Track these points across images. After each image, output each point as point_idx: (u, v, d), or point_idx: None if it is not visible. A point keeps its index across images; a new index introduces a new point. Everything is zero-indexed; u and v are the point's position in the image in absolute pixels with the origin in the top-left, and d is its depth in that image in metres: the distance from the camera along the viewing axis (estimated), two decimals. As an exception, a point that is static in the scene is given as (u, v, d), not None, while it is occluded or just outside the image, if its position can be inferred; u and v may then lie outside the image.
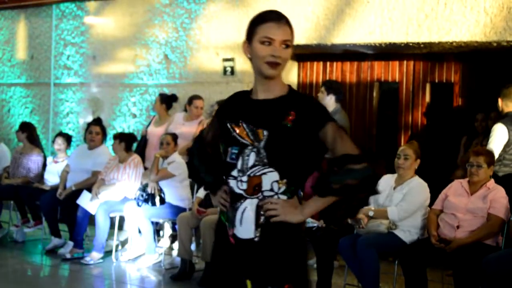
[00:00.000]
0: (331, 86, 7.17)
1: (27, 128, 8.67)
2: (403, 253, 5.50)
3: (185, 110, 8.18)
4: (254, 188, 2.64)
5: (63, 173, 7.96)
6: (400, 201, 5.69)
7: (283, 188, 2.63)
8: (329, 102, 7.05)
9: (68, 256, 7.44)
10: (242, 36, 2.64)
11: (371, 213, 5.68)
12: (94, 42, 9.72)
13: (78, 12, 9.90)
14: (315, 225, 5.97)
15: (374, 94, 8.25)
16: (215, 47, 8.53)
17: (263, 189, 2.63)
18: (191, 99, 8.09)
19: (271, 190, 2.63)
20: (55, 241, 7.81)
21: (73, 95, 9.92)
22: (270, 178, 2.62)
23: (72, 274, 7.17)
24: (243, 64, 8.28)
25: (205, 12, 8.59)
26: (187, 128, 8.02)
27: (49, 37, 10.17)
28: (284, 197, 2.64)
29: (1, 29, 10.88)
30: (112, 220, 7.48)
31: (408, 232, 5.64)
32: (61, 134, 8.53)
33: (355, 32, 7.43)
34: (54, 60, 10.08)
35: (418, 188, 5.75)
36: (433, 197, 5.78)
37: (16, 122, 10.37)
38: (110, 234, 7.55)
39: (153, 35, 9.03)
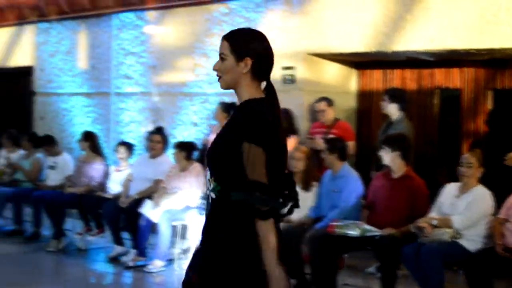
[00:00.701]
0: (394, 95, 7.17)
1: (89, 137, 8.92)
2: (468, 262, 5.52)
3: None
4: None
5: (126, 181, 8.16)
6: (463, 209, 5.72)
7: (213, 185, 2.85)
8: (392, 110, 7.08)
9: (131, 264, 7.60)
10: (301, 44, 2.73)
11: (434, 222, 5.72)
12: (154, 51, 9.92)
13: (138, 22, 10.11)
14: (378, 233, 6.01)
15: (435, 101, 8.25)
16: (275, 56, 8.59)
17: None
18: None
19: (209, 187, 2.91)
20: (118, 249, 7.98)
21: (134, 104, 10.14)
22: (208, 176, 2.92)
23: (135, 282, 7.36)
24: (303, 72, 8.38)
25: (264, 21, 8.70)
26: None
27: (109, 47, 10.40)
28: (213, 194, 2.85)
29: (63, 40, 11.17)
30: (174, 228, 7.66)
31: (472, 241, 5.65)
32: (123, 143, 8.73)
33: (415, 39, 7.44)
34: (114, 70, 10.32)
35: (482, 196, 5.76)
36: (497, 205, 5.79)
37: (77, 131, 10.63)
38: (173, 243, 7.71)
39: (212, 44, 9.19)
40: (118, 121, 10.28)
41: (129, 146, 8.66)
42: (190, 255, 7.60)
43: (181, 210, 7.60)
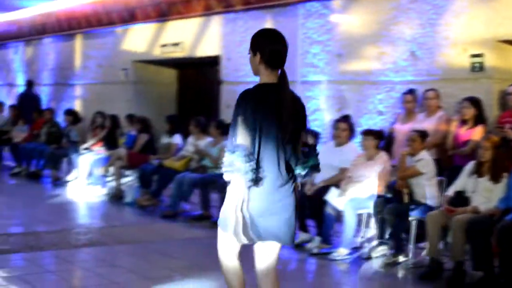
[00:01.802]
0: None
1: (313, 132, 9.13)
2: None
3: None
4: None
5: (314, 169, 8.37)
6: None
7: None
8: None
9: (315, 251, 7.77)
10: (491, 31, 2.77)
11: None
12: (340, 40, 10.11)
13: (323, 11, 10.34)
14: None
15: None
16: (463, 43, 8.57)
17: None
18: (425, 91, 8.33)
19: None
20: (303, 236, 8.13)
21: (320, 92, 10.39)
22: None
23: (319, 269, 7.52)
24: (492, 60, 8.27)
25: (453, 7, 8.66)
26: (426, 124, 8.20)
27: (295, 36, 10.65)
28: None
29: (249, 29, 11.55)
30: (359, 217, 7.82)
31: None
32: (309, 131, 8.94)
33: None
34: (300, 59, 10.60)
35: None
36: None
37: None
38: (357, 231, 7.86)
39: (399, 32, 9.25)
40: (304, 109, 10.50)
41: (315, 134, 8.86)
42: (374, 244, 7.79)
43: (367, 199, 7.73)
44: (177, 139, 11.00)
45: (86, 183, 12.29)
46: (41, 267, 7.10)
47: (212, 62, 12.95)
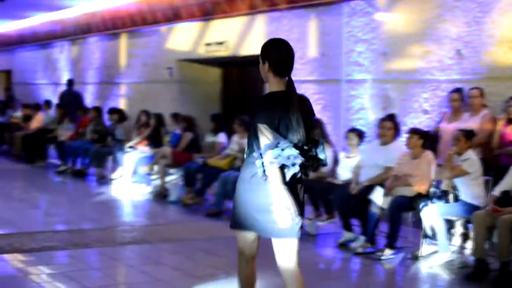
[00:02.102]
0: None
1: (319, 124, 9.20)
2: None
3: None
4: None
5: (356, 168, 8.38)
6: None
7: None
8: None
9: (360, 250, 7.78)
10: None
11: None
12: (385, 38, 10.09)
13: (368, 9, 10.32)
14: None
15: None
16: (509, 41, 8.50)
17: None
18: (469, 90, 8.28)
19: None
20: (347, 235, 8.17)
21: (364, 91, 10.38)
22: None
23: (363, 268, 7.51)
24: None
25: (499, 5, 8.58)
26: (471, 123, 8.16)
27: (339, 35, 10.69)
28: None
29: (293, 28, 11.63)
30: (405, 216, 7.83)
31: None
32: (353, 129, 8.95)
33: None
34: (345, 57, 10.60)
35: None
36: None
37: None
38: (403, 231, 7.84)
39: (444, 30, 9.21)
40: (348, 108, 10.53)
41: (359, 133, 8.88)
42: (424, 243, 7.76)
43: (412, 198, 7.74)
44: (221, 137, 11.09)
45: (131, 181, 12.45)
46: (86, 264, 7.25)
47: (256, 61, 12.98)
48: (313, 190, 8.65)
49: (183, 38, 14.63)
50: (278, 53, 4.37)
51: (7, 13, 19.56)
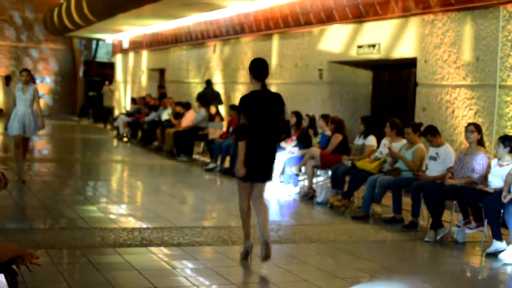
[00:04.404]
0: None
1: (478, 129, 9.06)
2: None
3: None
4: None
5: (508, 176, 8.22)
6: None
7: None
8: None
9: (509, 261, 7.71)
10: None
11: None
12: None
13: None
14: None
15: None
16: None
17: None
18: None
19: None
20: (497, 244, 8.07)
21: (520, 97, 10.20)
22: None
23: (511, 280, 7.47)
24: None
25: None
26: None
27: (495, 39, 10.53)
28: None
29: (447, 31, 11.55)
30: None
31: None
32: (506, 137, 8.82)
33: None
34: (500, 62, 10.45)
35: None
36: None
37: (459, 124, 11.01)
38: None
39: None
40: (502, 114, 10.36)
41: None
42: None
43: None
44: (371, 140, 11.21)
45: (279, 181, 12.78)
46: (233, 260, 7.55)
47: (408, 64, 13.04)
48: (463, 197, 8.63)
49: (335, 39, 14.82)
50: (256, 67, 7.32)
51: (163, 13, 20.44)
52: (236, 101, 17.96)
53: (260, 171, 7.27)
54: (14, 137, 12.16)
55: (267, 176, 7.38)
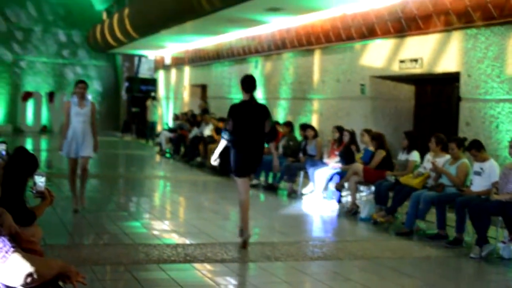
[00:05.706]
0: None
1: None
2: None
3: None
4: None
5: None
6: None
7: None
8: None
9: None
10: None
11: None
12: None
13: None
14: None
15: None
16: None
17: None
18: None
19: None
20: None
21: None
22: None
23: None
24: None
25: None
26: None
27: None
28: None
29: (490, 45, 11.51)
30: None
31: None
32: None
33: None
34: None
35: None
36: None
37: (504, 138, 10.94)
38: None
39: None
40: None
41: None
42: None
43: None
44: (414, 155, 11.20)
45: (322, 197, 12.81)
46: (276, 276, 7.60)
47: (451, 79, 13.00)
48: (509, 213, 8.55)
49: (377, 54, 14.84)
50: (245, 82, 8.88)
51: (205, 29, 20.64)
52: (278, 117, 18.26)
53: (249, 167, 9.02)
54: (70, 160, 11.05)
55: (253, 171, 9.94)
